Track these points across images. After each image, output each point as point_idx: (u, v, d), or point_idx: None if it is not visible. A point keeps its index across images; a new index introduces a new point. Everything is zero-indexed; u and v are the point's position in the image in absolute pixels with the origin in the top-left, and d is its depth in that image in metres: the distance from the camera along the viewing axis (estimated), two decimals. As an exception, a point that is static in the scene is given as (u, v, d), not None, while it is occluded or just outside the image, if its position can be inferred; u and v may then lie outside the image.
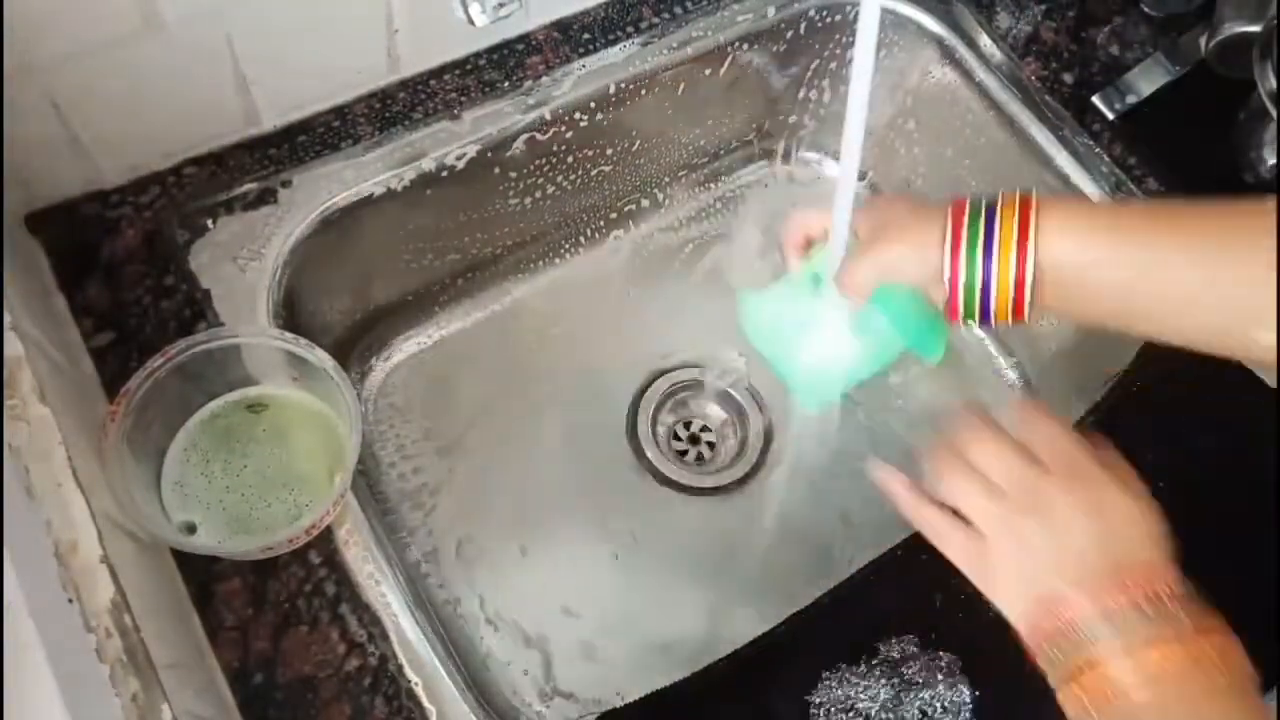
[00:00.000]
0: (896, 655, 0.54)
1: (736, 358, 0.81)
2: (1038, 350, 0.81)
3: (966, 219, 0.47)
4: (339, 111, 0.68)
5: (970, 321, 0.48)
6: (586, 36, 0.74)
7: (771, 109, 0.85)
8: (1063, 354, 0.79)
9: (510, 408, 0.77)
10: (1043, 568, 0.44)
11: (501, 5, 0.59)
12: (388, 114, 0.69)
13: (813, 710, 0.52)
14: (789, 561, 0.74)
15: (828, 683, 0.53)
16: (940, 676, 0.53)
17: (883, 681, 0.53)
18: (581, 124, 0.73)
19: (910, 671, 0.53)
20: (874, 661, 0.54)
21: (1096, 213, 0.50)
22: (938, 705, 0.53)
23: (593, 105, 0.73)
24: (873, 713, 0.52)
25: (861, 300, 0.50)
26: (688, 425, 0.80)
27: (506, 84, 0.71)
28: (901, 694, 0.53)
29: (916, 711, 0.52)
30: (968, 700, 0.53)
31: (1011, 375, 0.83)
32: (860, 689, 0.53)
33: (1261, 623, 0.55)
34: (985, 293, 0.47)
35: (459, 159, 0.69)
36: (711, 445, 0.79)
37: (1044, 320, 0.80)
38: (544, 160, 0.74)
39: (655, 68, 0.74)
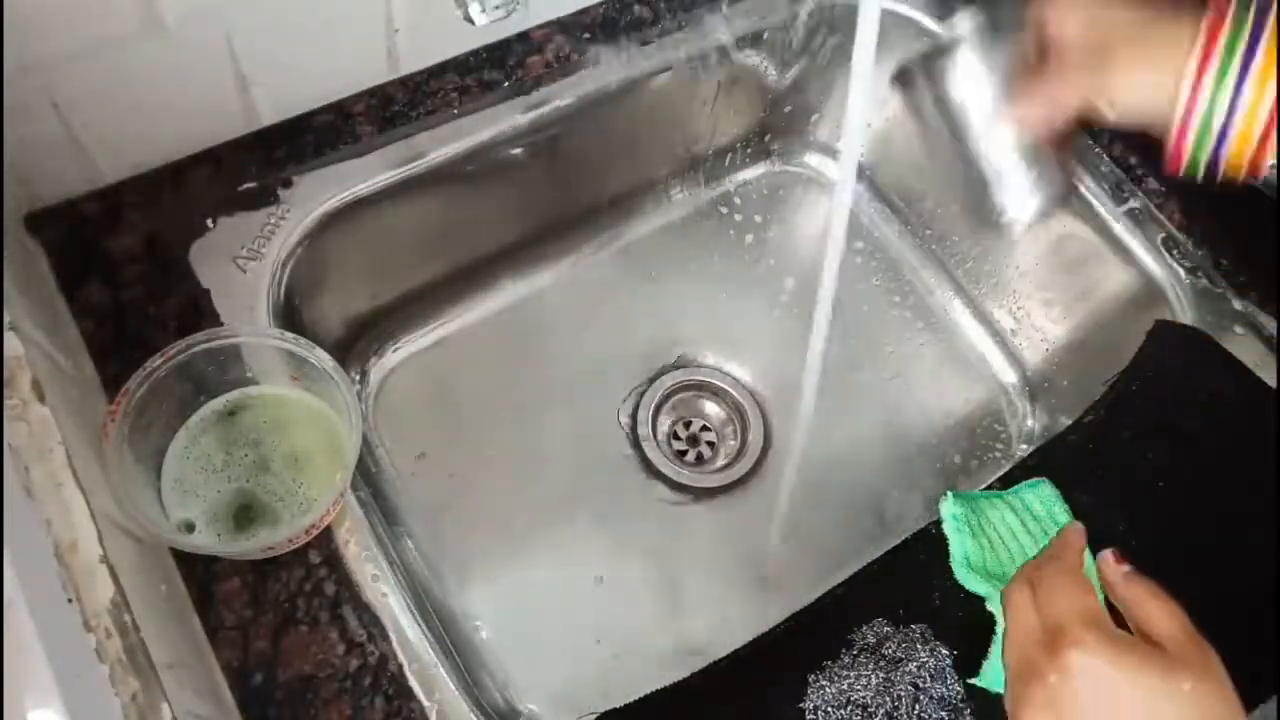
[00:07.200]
0: (873, 639, 0.54)
1: (735, 357, 0.81)
2: (1038, 350, 0.81)
3: (1225, 34, 0.36)
4: (339, 111, 0.68)
5: (1195, 175, 0.40)
6: (586, 36, 0.74)
7: (772, 109, 0.85)
8: (1063, 354, 0.79)
9: (510, 407, 0.77)
10: None
11: (501, 5, 0.59)
12: (388, 114, 0.69)
13: (809, 715, 0.52)
14: (789, 562, 0.74)
15: (818, 682, 0.53)
16: (919, 646, 0.54)
17: (870, 667, 0.53)
18: (581, 124, 0.73)
19: (891, 649, 0.53)
20: (854, 651, 0.54)
21: None
22: (926, 675, 0.53)
23: (593, 105, 0.73)
24: (869, 700, 0.52)
25: (1052, 124, 0.41)
26: (688, 425, 0.80)
27: (506, 84, 0.71)
28: (890, 674, 0.53)
29: (909, 687, 0.52)
30: (949, 661, 0.53)
31: (1012, 376, 0.83)
32: (850, 680, 0.53)
33: (1261, 624, 0.55)
34: (1223, 136, 0.38)
35: (459, 159, 0.69)
36: (711, 445, 0.79)
37: (1046, 313, 0.81)
38: (544, 160, 0.74)
39: (655, 67, 0.74)
